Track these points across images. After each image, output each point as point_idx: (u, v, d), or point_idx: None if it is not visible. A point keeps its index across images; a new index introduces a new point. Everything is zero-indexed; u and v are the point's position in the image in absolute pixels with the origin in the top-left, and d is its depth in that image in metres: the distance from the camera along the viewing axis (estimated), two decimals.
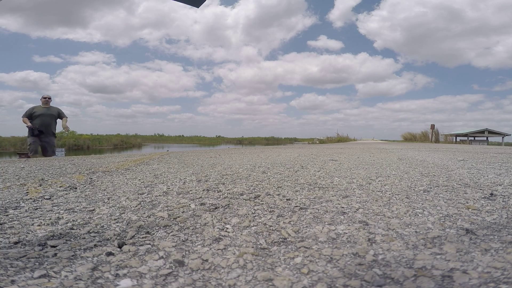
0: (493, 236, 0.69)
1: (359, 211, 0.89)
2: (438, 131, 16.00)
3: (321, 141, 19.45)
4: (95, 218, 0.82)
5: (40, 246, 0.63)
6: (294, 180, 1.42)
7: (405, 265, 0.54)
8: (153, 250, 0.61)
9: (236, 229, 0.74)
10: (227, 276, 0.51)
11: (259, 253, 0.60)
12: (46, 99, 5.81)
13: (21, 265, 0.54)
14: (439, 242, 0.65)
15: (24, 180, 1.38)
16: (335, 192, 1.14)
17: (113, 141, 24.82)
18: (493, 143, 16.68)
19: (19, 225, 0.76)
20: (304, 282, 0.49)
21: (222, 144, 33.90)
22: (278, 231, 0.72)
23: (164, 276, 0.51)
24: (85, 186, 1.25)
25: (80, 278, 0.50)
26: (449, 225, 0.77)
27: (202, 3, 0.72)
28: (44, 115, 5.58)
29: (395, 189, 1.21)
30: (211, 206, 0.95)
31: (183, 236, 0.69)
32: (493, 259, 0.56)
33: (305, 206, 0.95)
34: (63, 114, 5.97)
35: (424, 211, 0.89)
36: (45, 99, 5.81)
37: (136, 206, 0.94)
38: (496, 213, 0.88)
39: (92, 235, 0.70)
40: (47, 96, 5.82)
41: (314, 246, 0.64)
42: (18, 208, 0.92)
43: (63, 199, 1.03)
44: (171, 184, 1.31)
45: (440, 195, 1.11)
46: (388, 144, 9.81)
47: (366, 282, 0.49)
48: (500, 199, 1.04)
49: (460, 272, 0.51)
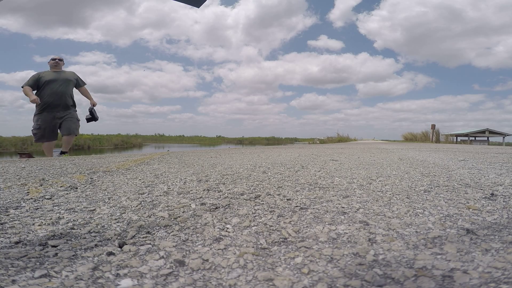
0: (494, 236, 0.69)
1: (359, 211, 0.89)
2: (438, 131, 15.98)
3: (322, 141, 19.44)
4: (96, 218, 0.82)
5: (41, 246, 0.63)
6: (294, 180, 1.42)
7: (406, 265, 0.54)
8: (153, 250, 0.61)
9: (236, 229, 0.74)
10: (228, 276, 0.51)
11: (259, 253, 0.60)
12: (56, 60, 4.08)
13: (22, 265, 0.54)
14: (439, 242, 0.65)
15: (25, 180, 1.38)
16: (335, 192, 1.14)
17: (114, 141, 24.83)
18: (494, 143, 16.65)
19: (20, 225, 0.76)
20: (305, 282, 0.49)
21: (223, 144, 33.91)
22: (278, 231, 0.72)
23: (165, 276, 0.51)
24: (86, 186, 1.26)
25: (80, 278, 0.50)
26: (449, 225, 0.77)
27: (203, 3, 0.72)
28: (55, 81, 3.94)
29: (395, 189, 1.21)
30: (211, 206, 0.95)
31: (183, 236, 0.69)
32: (494, 259, 0.56)
33: (306, 206, 0.95)
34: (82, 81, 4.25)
35: (424, 211, 0.89)
36: (54, 61, 4.06)
37: (137, 206, 0.94)
38: (496, 213, 0.88)
39: (92, 235, 0.70)
40: (56, 57, 4.11)
41: (315, 246, 0.64)
42: (19, 208, 0.92)
43: (63, 199, 1.04)
44: (172, 184, 1.31)
45: (440, 195, 1.11)
46: (388, 144, 9.80)
47: (367, 282, 0.49)
48: (501, 199, 1.04)
49: (461, 272, 0.51)
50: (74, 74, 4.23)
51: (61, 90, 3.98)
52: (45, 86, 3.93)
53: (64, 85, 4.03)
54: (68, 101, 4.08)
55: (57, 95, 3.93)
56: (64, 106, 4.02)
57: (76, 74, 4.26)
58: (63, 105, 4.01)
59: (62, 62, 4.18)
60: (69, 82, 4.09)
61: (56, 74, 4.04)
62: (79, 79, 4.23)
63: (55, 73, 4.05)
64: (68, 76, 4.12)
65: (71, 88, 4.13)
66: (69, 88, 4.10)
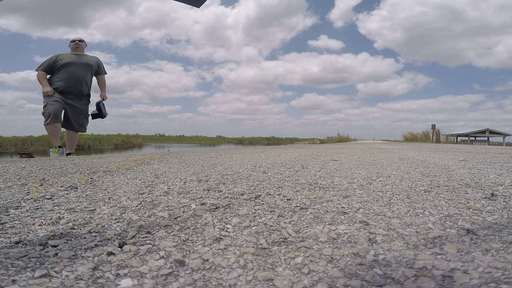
0: (494, 236, 0.69)
1: (359, 211, 0.89)
2: (439, 131, 15.98)
3: (322, 141, 19.45)
4: (96, 218, 0.82)
5: (41, 246, 0.63)
6: (294, 180, 1.42)
7: (406, 265, 0.54)
8: (153, 250, 0.61)
9: (236, 229, 0.74)
10: (228, 276, 0.51)
11: (259, 253, 0.60)
12: (76, 42, 3.62)
13: (22, 265, 0.54)
14: (439, 242, 0.65)
15: (25, 180, 1.38)
16: (335, 192, 1.14)
17: (114, 141, 24.85)
18: (494, 143, 16.65)
19: (20, 225, 0.77)
20: (305, 282, 0.49)
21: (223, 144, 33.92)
22: (278, 231, 0.72)
23: (165, 276, 0.51)
24: (86, 186, 1.26)
25: (81, 277, 0.50)
26: (449, 225, 0.77)
27: (203, 3, 0.72)
28: (73, 65, 3.46)
29: (395, 189, 1.21)
30: (211, 206, 0.95)
31: (183, 236, 0.69)
32: (494, 259, 0.56)
33: (306, 206, 0.95)
34: (104, 70, 3.77)
35: (424, 211, 0.89)
36: (74, 43, 3.61)
37: (137, 206, 0.94)
38: (497, 213, 0.87)
39: (93, 235, 0.70)
40: (76, 39, 3.64)
41: (315, 246, 0.64)
42: (19, 208, 0.92)
43: (64, 199, 1.04)
44: (172, 184, 1.31)
45: (441, 195, 1.11)
46: (389, 144, 9.80)
47: (367, 282, 0.49)
48: (501, 199, 1.04)
49: (461, 272, 0.51)
50: (97, 59, 3.72)
51: (78, 75, 3.45)
52: (61, 69, 3.42)
53: (83, 70, 3.51)
54: (84, 89, 3.53)
55: (73, 80, 3.42)
56: (78, 94, 3.50)
57: (100, 60, 3.76)
58: (77, 92, 3.48)
59: (83, 44, 3.68)
60: (89, 67, 3.55)
61: (76, 57, 3.54)
62: (102, 66, 3.73)
63: (75, 56, 3.55)
64: (89, 60, 3.61)
65: (90, 75, 3.61)
66: (88, 75, 3.57)
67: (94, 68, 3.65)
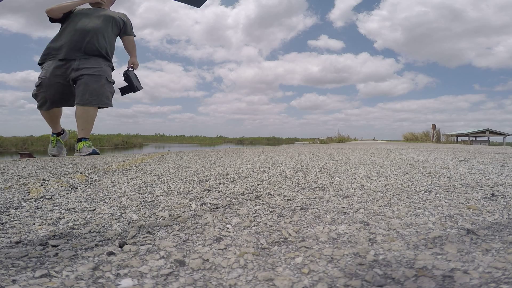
0: (494, 236, 0.69)
1: (360, 211, 0.89)
2: (439, 131, 15.96)
3: (322, 141, 19.43)
4: (96, 218, 0.82)
5: (41, 246, 0.63)
6: (294, 180, 1.42)
7: (406, 265, 0.54)
8: (154, 250, 0.61)
9: (236, 229, 0.74)
10: (228, 276, 0.51)
11: (259, 253, 0.60)
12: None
13: (23, 265, 0.54)
14: (440, 242, 0.65)
15: (26, 180, 1.38)
16: (336, 192, 1.14)
17: (114, 141, 24.85)
18: (495, 143, 16.63)
19: (21, 225, 0.77)
20: (305, 282, 0.49)
21: (223, 144, 33.92)
22: (278, 231, 0.72)
23: (165, 275, 0.51)
24: (86, 186, 1.26)
25: (81, 277, 0.50)
26: (450, 225, 0.77)
27: (203, 3, 0.72)
28: (85, 16, 2.52)
29: (396, 189, 1.21)
30: (212, 206, 0.95)
31: (184, 236, 0.69)
32: (494, 259, 0.56)
33: (306, 206, 0.95)
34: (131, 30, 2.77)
35: (425, 211, 0.89)
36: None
37: (137, 206, 0.95)
38: (497, 213, 0.87)
39: (93, 235, 0.70)
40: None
41: (315, 246, 0.64)
42: (19, 208, 0.92)
43: (64, 199, 1.04)
44: (172, 184, 1.31)
45: (441, 195, 1.11)
46: (389, 144, 9.79)
47: (367, 282, 0.49)
48: (501, 199, 1.04)
49: (461, 272, 0.51)
50: (124, 15, 2.74)
51: (89, 27, 2.46)
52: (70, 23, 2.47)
53: (100, 22, 2.53)
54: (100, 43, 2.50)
55: (81, 33, 2.44)
56: (87, 51, 2.45)
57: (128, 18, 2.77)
58: (85, 48, 2.45)
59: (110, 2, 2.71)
60: (110, 20, 2.57)
61: (92, 9, 2.62)
62: (129, 25, 2.74)
63: (91, 9, 2.63)
64: (111, 13, 2.63)
65: (108, 29, 2.58)
66: (108, 28, 2.57)
67: (118, 23, 2.65)
